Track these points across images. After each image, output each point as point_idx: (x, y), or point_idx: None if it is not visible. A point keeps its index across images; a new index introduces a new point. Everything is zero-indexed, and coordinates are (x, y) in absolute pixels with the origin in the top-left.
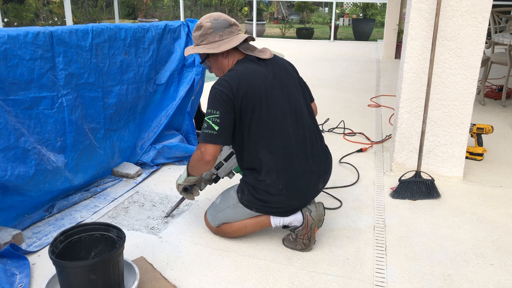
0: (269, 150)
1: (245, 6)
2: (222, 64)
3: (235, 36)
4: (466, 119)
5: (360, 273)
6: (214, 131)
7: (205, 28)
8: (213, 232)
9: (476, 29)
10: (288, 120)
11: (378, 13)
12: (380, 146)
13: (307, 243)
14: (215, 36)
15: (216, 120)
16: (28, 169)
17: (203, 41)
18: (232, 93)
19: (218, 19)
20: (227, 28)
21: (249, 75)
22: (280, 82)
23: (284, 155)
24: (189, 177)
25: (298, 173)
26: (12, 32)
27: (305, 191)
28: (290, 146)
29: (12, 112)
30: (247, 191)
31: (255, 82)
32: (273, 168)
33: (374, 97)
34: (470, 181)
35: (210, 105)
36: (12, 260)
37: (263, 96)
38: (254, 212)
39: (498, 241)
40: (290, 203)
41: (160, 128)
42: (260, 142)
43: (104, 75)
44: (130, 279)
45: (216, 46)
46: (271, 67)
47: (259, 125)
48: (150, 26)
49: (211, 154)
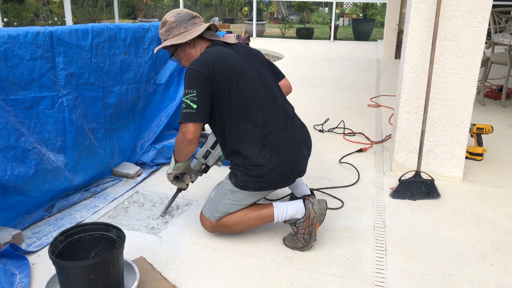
0: (250, 122)
1: (245, 6)
2: (190, 54)
3: (198, 26)
4: (466, 119)
5: (360, 273)
6: (193, 110)
7: (169, 23)
8: (211, 230)
9: (476, 29)
10: (262, 93)
11: (378, 13)
12: (380, 146)
13: (307, 239)
14: (179, 28)
15: (193, 98)
16: (28, 169)
17: (170, 35)
18: (208, 71)
19: (181, 13)
20: (190, 20)
21: (221, 54)
22: (248, 61)
23: (264, 125)
24: (177, 164)
25: (281, 139)
26: (12, 32)
27: (292, 155)
28: (269, 116)
29: (12, 112)
30: (240, 172)
31: (228, 60)
32: (256, 139)
33: (374, 97)
34: (470, 181)
35: (186, 85)
36: (12, 260)
37: (238, 72)
38: (252, 194)
39: (498, 241)
40: (281, 169)
41: (160, 128)
42: (240, 115)
43: (104, 75)
44: (130, 279)
45: (182, 37)
46: (237, 50)
47: (238, 99)
48: (150, 26)
49: (191, 132)
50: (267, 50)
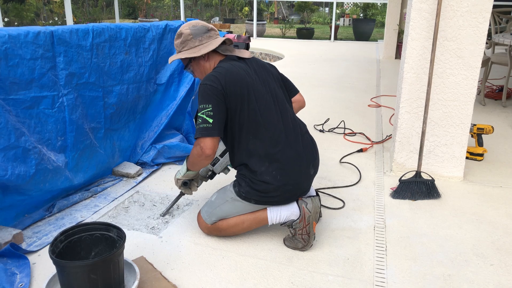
0: (259, 139)
1: (245, 6)
2: (204, 67)
3: (213, 40)
4: (466, 119)
5: (361, 273)
6: (209, 124)
7: (185, 35)
8: (206, 232)
9: (477, 29)
10: (273, 110)
11: (379, 13)
12: (380, 146)
13: (306, 239)
14: (195, 41)
15: (209, 113)
16: (28, 169)
17: (184, 47)
18: (221, 86)
19: (196, 26)
20: (205, 33)
21: (234, 69)
22: (261, 77)
23: (273, 142)
24: (188, 171)
25: (288, 158)
26: (13, 32)
27: (298, 175)
28: (278, 134)
29: (13, 112)
30: (244, 183)
31: (241, 75)
32: (264, 156)
33: (374, 97)
34: (471, 181)
35: (201, 100)
36: (13, 260)
37: (250, 88)
38: (252, 206)
39: (498, 242)
40: (286, 188)
41: (161, 128)
42: (250, 132)
43: (105, 74)
44: (130, 279)
45: (197, 50)
46: (251, 65)
47: (249, 115)
48: (151, 26)
49: (210, 147)
50: (267, 50)
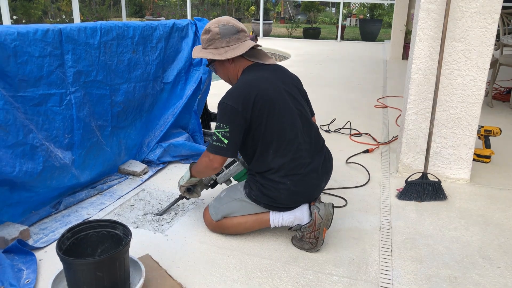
0: (280, 152)
1: (252, 5)
2: (228, 70)
3: (241, 43)
4: (474, 121)
5: (366, 274)
6: (223, 144)
7: (212, 33)
8: (211, 228)
9: (486, 30)
10: (296, 122)
11: (386, 14)
12: (386, 147)
13: (314, 243)
14: (222, 42)
15: (225, 134)
16: (36, 166)
17: (210, 46)
18: (242, 106)
19: (227, 25)
20: (234, 34)
21: (258, 82)
22: (287, 87)
23: (293, 156)
24: (191, 178)
25: (304, 173)
26: (22, 29)
27: (311, 189)
28: (299, 147)
29: (21, 109)
30: (255, 187)
31: (265, 88)
32: (282, 169)
33: (380, 98)
34: (477, 183)
35: (219, 118)
36: (19, 256)
37: (275, 100)
38: (259, 208)
39: (505, 244)
40: (296, 199)
41: (167, 127)
42: (271, 145)
43: (112, 73)
44: (136, 276)
45: (223, 53)
46: (277, 73)
47: (272, 130)
48: (158, 25)
49: (219, 163)
50: (273, 49)
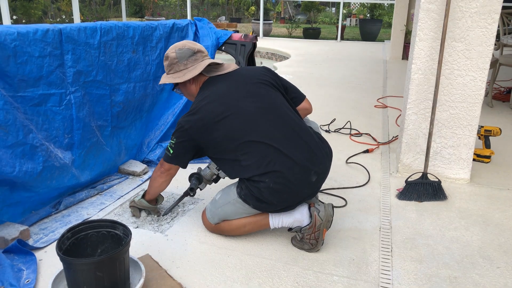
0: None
1: (252, 5)
2: (190, 90)
3: (199, 63)
4: (474, 121)
5: (366, 274)
6: (169, 153)
7: (171, 59)
8: (210, 230)
9: (486, 30)
10: (262, 122)
11: (386, 14)
12: (386, 147)
13: (314, 243)
14: (180, 65)
15: (172, 145)
16: (35, 166)
17: (171, 71)
18: (192, 129)
19: (183, 49)
20: (191, 56)
21: (213, 95)
22: (248, 89)
23: (262, 154)
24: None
25: (282, 169)
26: (22, 29)
27: (297, 183)
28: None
29: (21, 109)
30: (244, 186)
31: (221, 99)
32: (256, 169)
33: (380, 98)
34: (477, 183)
35: (174, 131)
36: (19, 256)
37: (233, 108)
38: (252, 209)
39: (505, 244)
40: (280, 196)
41: (167, 127)
42: (236, 152)
43: (112, 73)
44: (136, 276)
45: (182, 75)
46: (236, 78)
47: (234, 136)
48: (158, 25)
49: (166, 168)
50: (273, 49)
